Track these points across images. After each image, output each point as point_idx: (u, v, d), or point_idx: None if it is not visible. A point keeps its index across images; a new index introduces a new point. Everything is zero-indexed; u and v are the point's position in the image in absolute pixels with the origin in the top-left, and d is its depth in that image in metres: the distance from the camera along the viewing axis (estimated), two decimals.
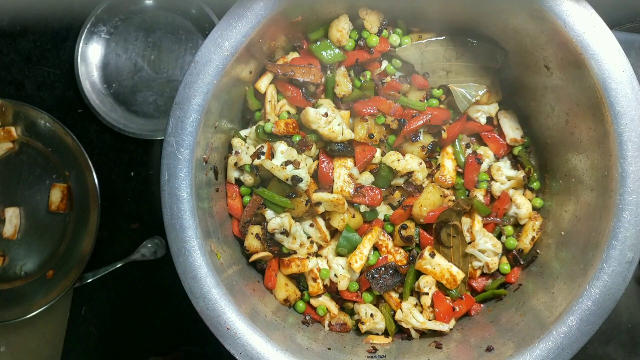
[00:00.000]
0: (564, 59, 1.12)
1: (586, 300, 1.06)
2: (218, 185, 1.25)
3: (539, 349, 1.06)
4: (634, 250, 1.05)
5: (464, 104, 1.28)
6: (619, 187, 1.06)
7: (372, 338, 1.26)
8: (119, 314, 1.63)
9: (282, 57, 1.30)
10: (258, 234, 1.24)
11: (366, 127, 1.23)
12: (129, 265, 1.60)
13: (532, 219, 1.29)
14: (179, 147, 1.09)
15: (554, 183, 1.29)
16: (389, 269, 1.24)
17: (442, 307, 1.23)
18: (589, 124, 1.13)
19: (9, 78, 1.67)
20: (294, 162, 1.18)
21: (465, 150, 1.34)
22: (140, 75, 1.64)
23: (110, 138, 1.64)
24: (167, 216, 1.09)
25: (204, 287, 1.09)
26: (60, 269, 1.58)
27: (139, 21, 1.63)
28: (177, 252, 1.09)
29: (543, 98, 1.25)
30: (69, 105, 1.65)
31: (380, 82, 1.29)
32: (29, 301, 1.56)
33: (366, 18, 1.26)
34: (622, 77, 1.06)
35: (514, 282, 1.29)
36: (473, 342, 1.18)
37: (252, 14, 1.11)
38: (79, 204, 1.60)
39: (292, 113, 1.30)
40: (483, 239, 1.24)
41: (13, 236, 1.61)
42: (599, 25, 1.07)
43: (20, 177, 1.63)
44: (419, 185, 1.27)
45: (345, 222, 1.24)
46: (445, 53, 1.28)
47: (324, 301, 1.28)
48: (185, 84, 1.10)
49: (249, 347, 1.08)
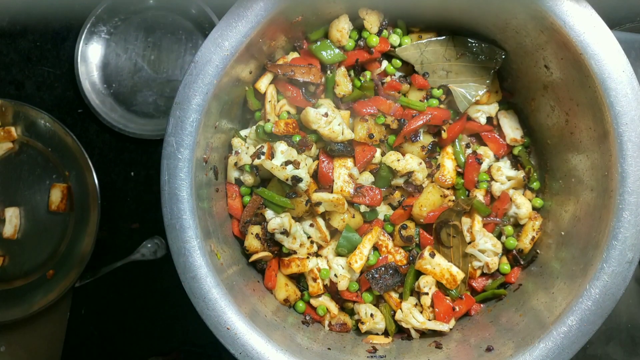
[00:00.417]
0: (564, 59, 1.12)
1: (586, 300, 1.06)
2: (218, 185, 1.25)
3: (539, 349, 1.06)
4: (634, 250, 1.05)
5: (464, 104, 1.28)
6: (619, 187, 1.06)
7: (372, 338, 1.26)
8: (119, 314, 1.63)
9: (282, 57, 1.30)
10: (258, 234, 1.24)
11: (366, 127, 1.22)
12: (129, 265, 1.60)
13: (532, 219, 1.29)
14: (179, 147, 1.09)
15: (554, 183, 1.29)
16: (389, 269, 1.24)
17: (442, 307, 1.23)
18: (589, 124, 1.13)
19: (9, 78, 1.67)
20: (294, 162, 1.18)
21: (465, 150, 1.34)
22: (140, 75, 1.64)
23: (110, 138, 1.64)
24: (167, 216, 1.09)
25: (204, 287, 1.09)
26: (60, 269, 1.58)
27: (139, 21, 1.63)
28: (177, 252, 1.09)
29: (543, 98, 1.25)
30: (69, 105, 1.65)
31: (380, 82, 1.29)
32: (29, 301, 1.56)
33: (366, 18, 1.26)
34: (622, 77, 1.06)
35: (514, 282, 1.29)
36: (473, 342, 1.18)
37: (252, 14, 1.11)
38: (79, 204, 1.60)
39: (292, 113, 1.30)
40: (483, 239, 1.24)
41: (13, 236, 1.61)
42: (599, 26, 1.07)
43: (20, 177, 1.63)
44: (419, 185, 1.27)
45: (345, 222, 1.24)
46: (445, 53, 1.28)
47: (324, 301, 1.28)
48: (185, 84, 1.10)
49: (249, 347, 1.08)
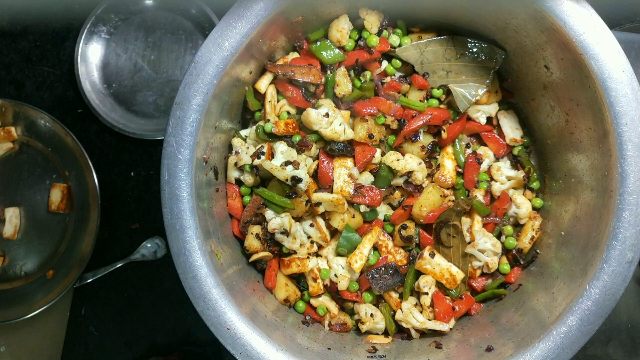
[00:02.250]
0: (564, 59, 1.12)
1: (586, 300, 1.06)
2: (218, 185, 1.25)
3: (539, 349, 1.06)
4: (633, 250, 1.05)
5: (464, 104, 1.28)
6: (619, 187, 1.06)
7: (372, 338, 1.26)
8: (119, 314, 1.63)
9: (282, 57, 1.30)
10: (258, 234, 1.24)
11: (366, 127, 1.22)
12: (129, 265, 1.60)
13: (532, 218, 1.29)
14: (179, 147, 1.09)
15: (553, 183, 1.29)
16: (389, 269, 1.24)
17: (442, 307, 1.23)
18: (589, 124, 1.13)
19: (9, 78, 1.67)
20: (294, 163, 1.18)
21: (465, 150, 1.34)
22: (140, 75, 1.64)
23: (110, 138, 1.64)
24: (167, 216, 1.09)
25: (204, 287, 1.09)
26: (60, 269, 1.58)
27: (139, 21, 1.63)
28: (177, 252, 1.09)
29: (543, 98, 1.25)
30: (69, 105, 1.65)
31: (380, 82, 1.29)
32: (29, 301, 1.56)
33: (366, 18, 1.26)
34: (622, 77, 1.06)
35: (514, 282, 1.29)
36: (473, 342, 1.18)
37: (252, 14, 1.11)
38: (79, 204, 1.60)
39: (292, 113, 1.30)
40: (483, 238, 1.24)
41: (13, 236, 1.61)
42: (599, 26, 1.07)
43: (20, 177, 1.62)
44: (419, 185, 1.27)
45: (345, 222, 1.24)
46: (445, 53, 1.28)
47: (324, 301, 1.28)
48: (185, 84, 1.10)
49: (249, 347, 1.08)
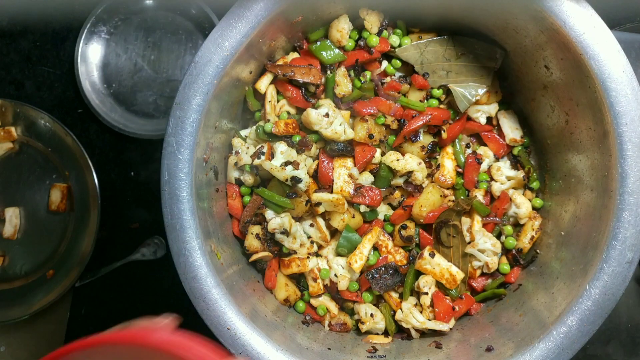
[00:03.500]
0: (564, 59, 1.12)
1: (586, 300, 1.06)
2: (218, 185, 1.25)
3: (539, 349, 1.06)
4: (633, 251, 1.05)
5: (464, 104, 1.28)
6: (619, 187, 1.06)
7: (372, 338, 1.26)
8: (119, 314, 1.63)
9: (282, 58, 1.30)
10: (258, 234, 1.24)
11: (366, 127, 1.22)
12: (129, 265, 1.60)
13: (532, 218, 1.29)
14: (179, 147, 1.09)
15: (553, 183, 1.29)
16: (389, 269, 1.24)
17: (442, 307, 1.23)
18: (589, 124, 1.13)
19: (9, 78, 1.67)
20: (294, 163, 1.18)
21: (465, 150, 1.34)
22: (140, 75, 1.64)
23: (110, 138, 1.64)
24: (167, 216, 1.09)
25: (204, 287, 1.09)
26: (60, 269, 1.58)
27: (139, 21, 1.63)
28: (177, 252, 1.09)
29: (543, 98, 1.25)
30: (69, 105, 1.65)
31: (380, 82, 1.29)
32: (29, 301, 1.56)
33: (366, 18, 1.26)
34: (622, 77, 1.06)
35: (514, 282, 1.29)
36: (473, 342, 1.18)
37: (252, 14, 1.11)
38: (79, 204, 1.60)
39: (292, 113, 1.30)
40: (482, 238, 1.24)
41: (13, 236, 1.61)
42: (599, 26, 1.07)
43: (20, 177, 1.62)
44: (419, 185, 1.27)
45: (345, 222, 1.24)
46: (445, 53, 1.28)
47: (324, 301, 1.28)
48: (185, 84, 1.10)
49: (249, 347, 1.08)
